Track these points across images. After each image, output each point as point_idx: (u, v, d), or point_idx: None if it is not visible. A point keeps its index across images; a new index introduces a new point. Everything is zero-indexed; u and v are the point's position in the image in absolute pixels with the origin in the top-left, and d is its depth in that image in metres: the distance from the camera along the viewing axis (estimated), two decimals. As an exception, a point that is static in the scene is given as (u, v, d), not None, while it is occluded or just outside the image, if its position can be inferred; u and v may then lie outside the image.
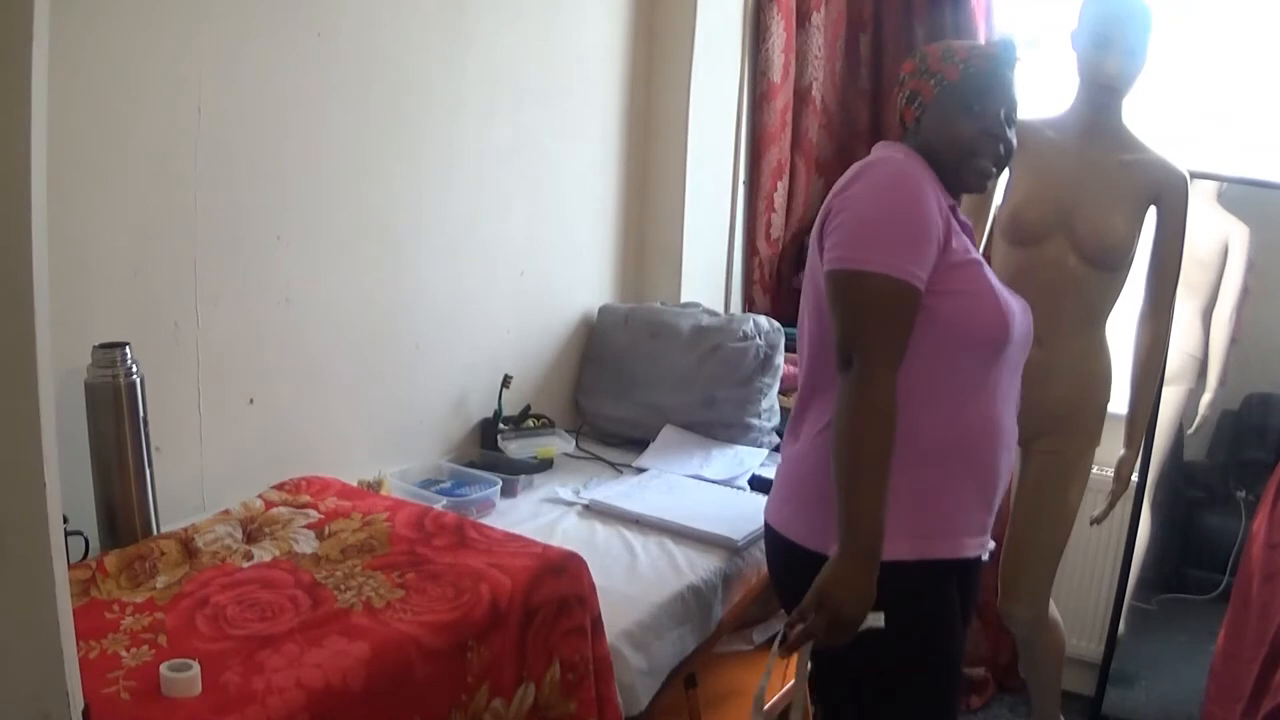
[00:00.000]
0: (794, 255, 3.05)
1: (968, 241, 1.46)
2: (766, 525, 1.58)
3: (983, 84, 1.47)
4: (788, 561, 1.51)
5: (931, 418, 1.40)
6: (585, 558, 1.65)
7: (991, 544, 1.53)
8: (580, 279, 2.69)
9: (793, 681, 1.47)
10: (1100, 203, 2.04)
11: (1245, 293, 2.60)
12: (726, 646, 2.22)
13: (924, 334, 1.37)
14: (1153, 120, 2.31)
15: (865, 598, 1.33)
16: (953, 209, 1.47)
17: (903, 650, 1.40)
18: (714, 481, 2.30)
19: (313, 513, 1.71)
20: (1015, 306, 1.48)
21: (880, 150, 1.52)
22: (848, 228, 1.38)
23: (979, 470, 1.45)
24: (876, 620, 1.35)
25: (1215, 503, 2.72)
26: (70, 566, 1.35)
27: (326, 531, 1.66)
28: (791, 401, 1.65)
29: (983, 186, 1.51)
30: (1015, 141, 1.50)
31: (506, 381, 2.39)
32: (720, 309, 2.79)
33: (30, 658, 0.83)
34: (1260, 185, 2.52)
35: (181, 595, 1.45)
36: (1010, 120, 1.49)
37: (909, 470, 1.38)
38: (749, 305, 2.99)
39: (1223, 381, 2.63)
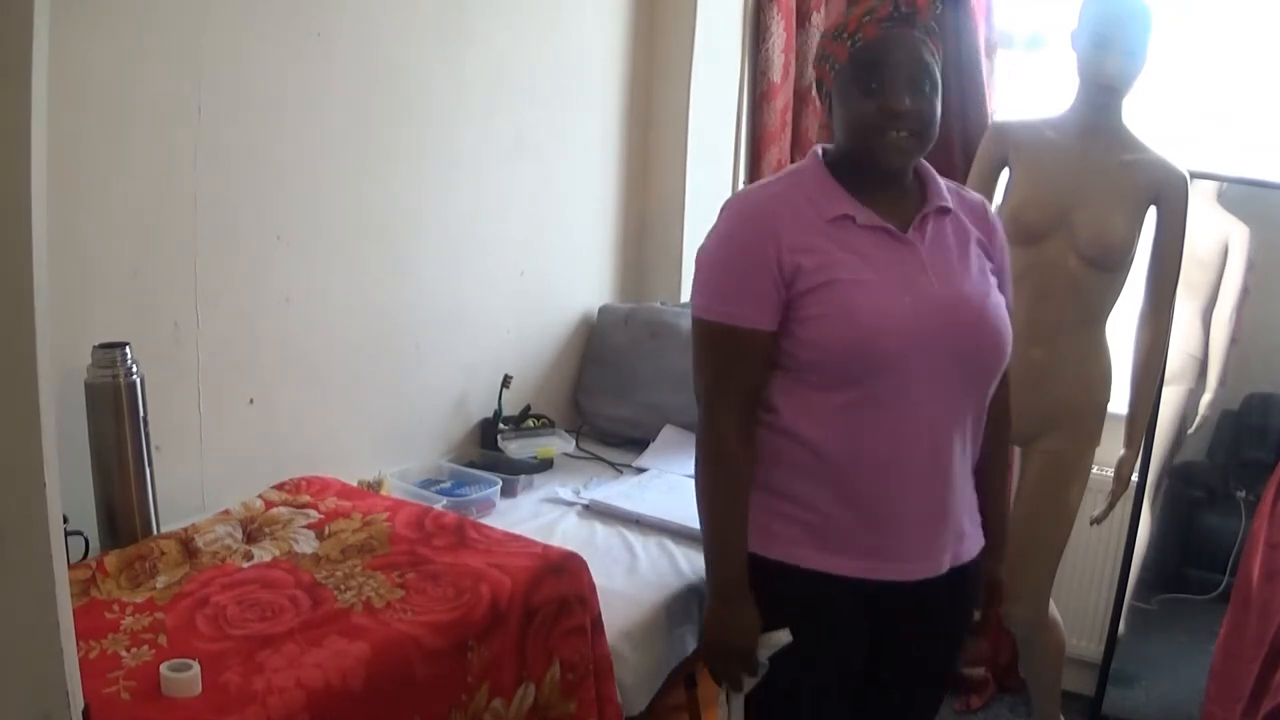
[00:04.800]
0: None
1: (843, 258, 1.34)
2: None
3: (874, 56, 1.32)
4: None
5: (806, 434, 1.38)
6: (585, 558, 1.65)
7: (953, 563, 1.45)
8: (580, 279, 2.69)
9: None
10: (1100, 203, 2.04)
11: (1245, 293, 2.59)
12: (726, 646, 2.22)
13: (794, 356, 1.38)
14: (1153, 120, 2.31)
15: (744, 627, 1.40)
16: (848, 218, 1.36)
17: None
18: (714, 481, 2.30)
19: (313, 513, 1.71)
20: (897, 314, 1.33)
21: (774, 175, 1.50)
22: (695, 275, 1.44)
23: (855, 489, 1.37)
24: (784, 637, 1.39)
25: (1215, 503, 2.71)
26: (70, 566, 1.35)
27: (326, 531, 1.66)
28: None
29: (903, 162, 1.37)
30: (931, 107, 1.34)
31: (506, 381, 2.38)
32: (720, 309, 2.79)
33: (30, 658, 0.83)
34: (1260, 185, 2.52)
35: (181, 595, 1.45)
36: (916, 82, 1.32)
37: (787, 479, 1.40)
38: (749, 305, 2.98)
39: (1223, 381, 2.63)
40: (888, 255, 1.37)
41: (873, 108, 1.33)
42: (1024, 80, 2.84)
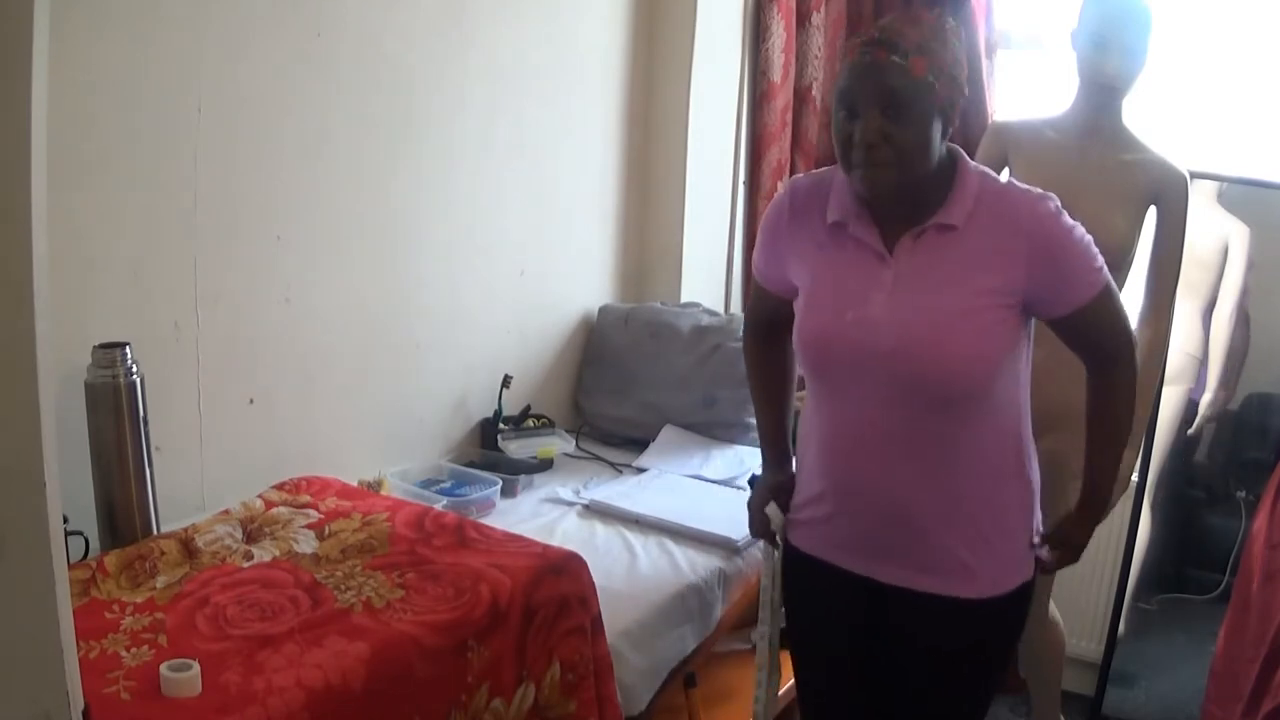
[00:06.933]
0: (794, 255, 3.04)
1: (821, 263, 1.42)
2: None
3: (845, 83, 1.31)
4: None
5: (807, 412, 1.52)
6: (585, 558, 1.65)
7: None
8: (580, 279, 2.69)
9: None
10: (1100, 203, 2.04)
11: (1245, 293, 2.59)
12: (726, 646, 2.22)
13: None
14: (1153, 120, 2.30)
15: (760, 486, 1.61)
16: (841, 225, 1.39)
17: None
18: (714, 481, 2.30)
19: (313, 513, 1.72)
20: (834, 325, 1.38)
21: None
22: None
23: (815, 468, 1.49)
24: (775, 512, 1.56)
25: (1215, 503, 2.71)
26: (70, 566, 1.35)
27: (326, 531, 1.66)
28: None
29: (876, 191, 1.34)
30: (907, 135, 1.29)
31: (506, 381, 2.38)
32: (720, 309, 2.79)
33: (30, 658, 0.83)
34: (1260, 185, 2.51)
35: (181, 595, 1.45)
36: (888, 111, 1.27)
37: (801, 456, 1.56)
38: (749, 305, 2.99)
39: (1223, 382, 2.63)
40: (859, 268, 1.40)
41: (844, 136, 1.32)
42: (1024, 80, 2.84)
